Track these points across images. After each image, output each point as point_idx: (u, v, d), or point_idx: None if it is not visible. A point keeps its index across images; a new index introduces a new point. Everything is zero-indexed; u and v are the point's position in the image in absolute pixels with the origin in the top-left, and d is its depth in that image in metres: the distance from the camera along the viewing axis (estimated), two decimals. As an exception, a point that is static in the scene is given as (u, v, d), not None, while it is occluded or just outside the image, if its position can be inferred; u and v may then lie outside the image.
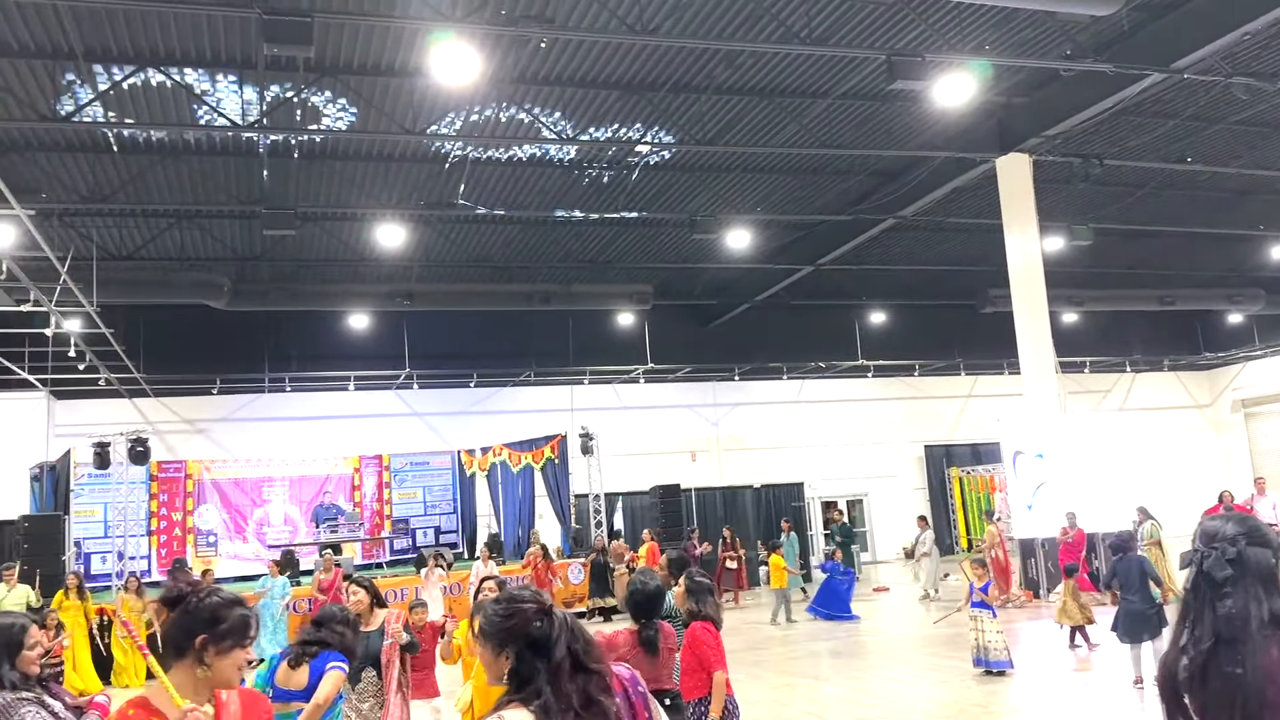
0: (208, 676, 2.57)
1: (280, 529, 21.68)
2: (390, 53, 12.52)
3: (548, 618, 2.33)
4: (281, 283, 20.18)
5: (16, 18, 11.00)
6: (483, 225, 19.44)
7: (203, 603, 2.61)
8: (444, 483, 23.86)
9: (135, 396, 23.22)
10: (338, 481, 22.62)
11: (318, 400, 24.70)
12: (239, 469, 22.09)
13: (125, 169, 15.40)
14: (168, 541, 20.65)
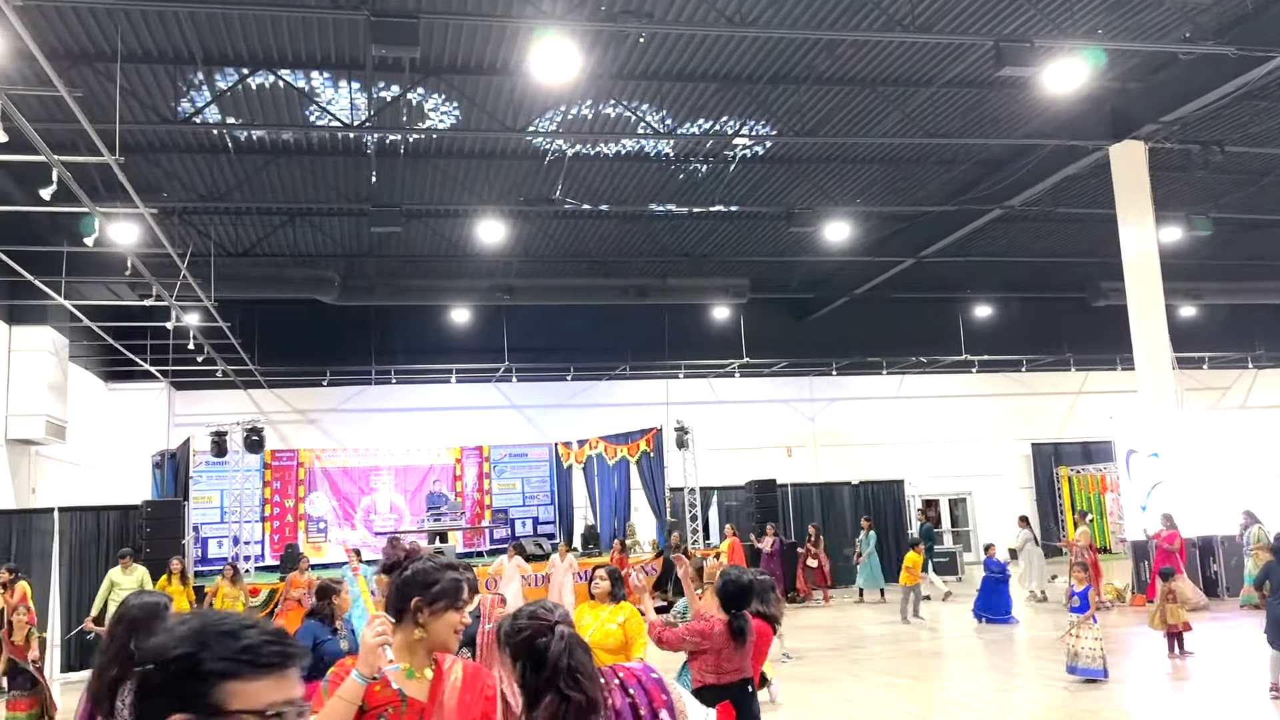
0: (424, 638, 2.68)
1: (386, 516, 22.31)
2: (493, 52, 12.74)
3: (550, 635, 2.51)
4: (388, 278, 20.75)
5: (141, 24, 11.56)
6: (580, 220, 19.62)
7: (417, 567, 2.74)
8: (541, 474, 24.19)
9: (250, 388, 24.20)
10: (440, 471, 23.14)
11: (421, 392, 25.33)
12: (347, 458, 22.81)
13: (240, 169, 16.04)
14: (280, 528, 21.46)
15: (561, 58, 10.86)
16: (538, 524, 23.54)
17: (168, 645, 1.40)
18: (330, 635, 5.63)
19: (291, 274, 19.52)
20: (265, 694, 1.39)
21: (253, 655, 1.40)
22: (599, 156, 16.51)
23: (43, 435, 17.52)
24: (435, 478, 22.92)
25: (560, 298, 21.89)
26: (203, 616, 1.45)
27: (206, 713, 1.36)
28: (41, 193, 10.57)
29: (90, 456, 21.30)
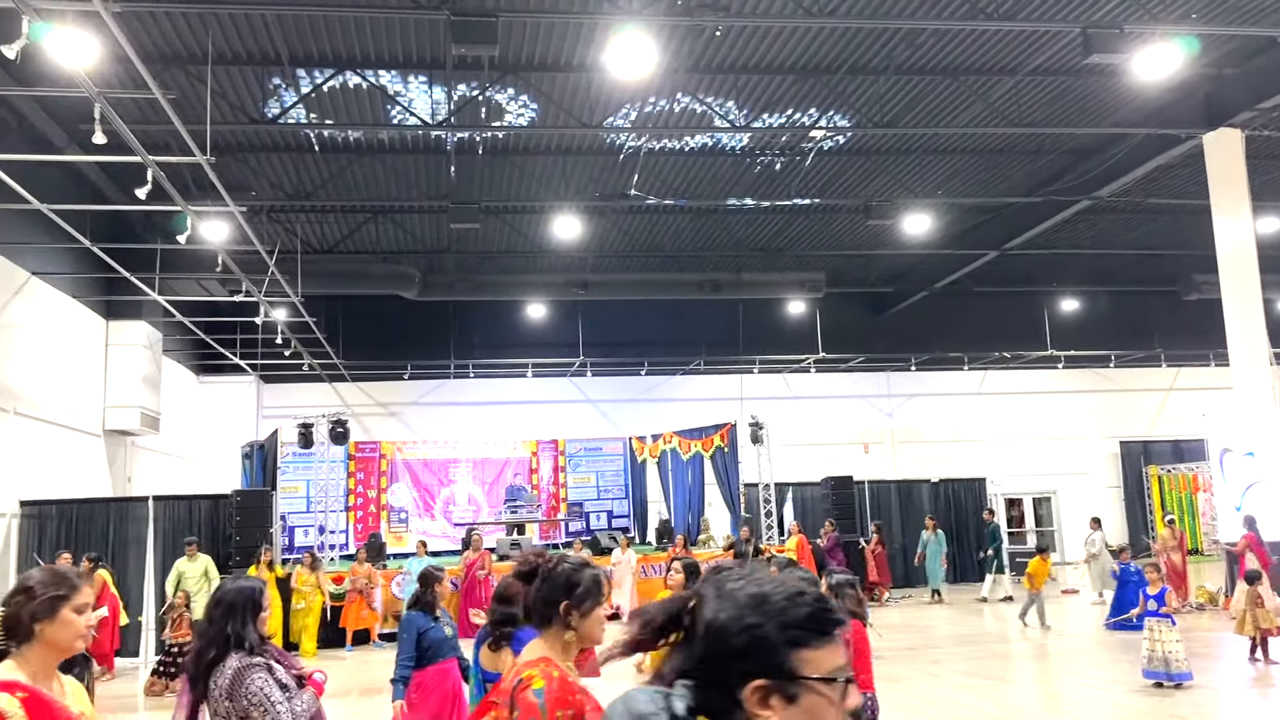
0: (574, 639, 2.75)
1: (465, 508, 22.68)
2: (569, 48, 12.82)
3: None
4: (466, 274, 21.07)
5: (230, 28, 11.93)
6: (655, 215, 19.65)
7: (557, 571, 2.79)
8: (616, 468, 24.31)
9: (334, 381, 24.83)
10: (517, 464, 23.44)
11: (498, 386, 25.68)
12: (427, 450, 23.24)
13: (325, 168, 16.44)
14: (364, 517, 21.98)
15: (638, 53, 10.87)
16: (612, 518, 23.67)
17: (735, 616, 1.46)
18: (433, 623, 5.83)
19: (374, 270, 19.95)
20: (829, 660, 1.45)
21: (817, 624, 1.46)
22: (674, 151, 16.49)
23: (138, 426, 18.23)
24: (512, 470, 23.22)
25: (635, 293, 21.96)
26: (758, 584, 1.49)
27: (783, 679, 1.42)
28: (137, 192, 10.99)
29: (182, 447, 22.10)
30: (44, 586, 2.70)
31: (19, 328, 14.56)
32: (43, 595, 2.69)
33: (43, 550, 13.57)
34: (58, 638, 2.68)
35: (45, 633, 2.67)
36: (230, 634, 3.54)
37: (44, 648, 2.67)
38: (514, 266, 21.78)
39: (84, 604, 2.77)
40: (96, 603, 11.98)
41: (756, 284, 21.47)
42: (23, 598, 2.70)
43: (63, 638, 2.69)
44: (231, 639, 3.53)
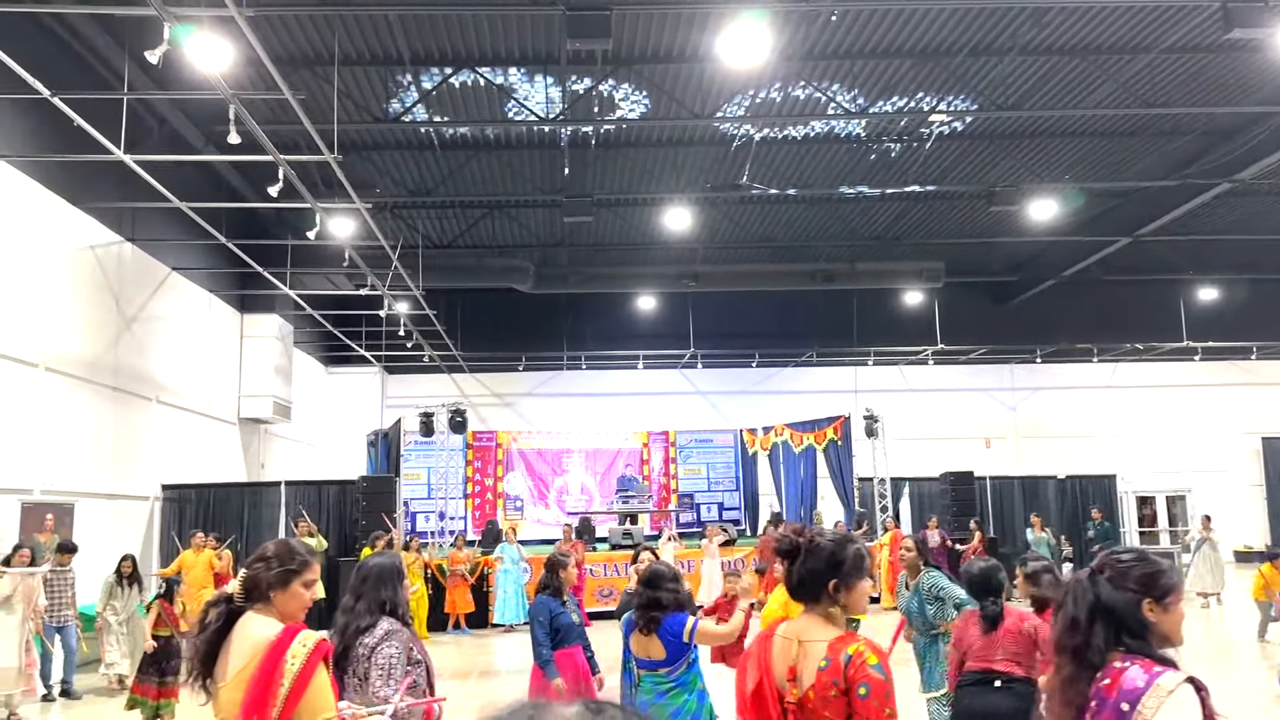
0: (839, 613, 2.76)
1: (578, 497, 23.00)
2: (682, 39, 12.79)
3: None
4: (579, 266, 21.31)
5: (355, 29, 12.33)
6: (767, 205, 19.46)
7: (819, 547, 2.79)
8: (726, 460, 24.23)
9: (453, 372, 25.49)
10: (628, 455, 23.61)
11: (610, 378, 25.91)
12: (541, 440, 23.65)
13: (445, 164, 16.86)
14: (481, 504, 22.53)
15: (751, 41, 10.77)
16: (723, 509, 23.62)
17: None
18: (562, 608, 5.92)
19: (490, 264, 20.38)
20: None
21: None
22: (787, 140, 16.29)
23: (270, 415, 19.09)
24: (624, 461, 23.40)
25: (746, 284, 21.79)
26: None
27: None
28: (270, 190, 11.50)
29: (312, 435, 23.06)
30: (279, 559, 2.93)
31: (161, 321, 15.42)
32: (278, 566, 2.91)
33: (182, 532, 14.34)
34: (286, 607, 2.90)
35: (276, 600, 2.89)
36: (384, 600, 3.78)
37: (275, 613, 2.89)
38: (625, 259, 21.91)
39: (311, 579, 2.96)
40: (220, 582, 12.47)
41: (872, 274, 21.04)
42: (262, 565, 2.93)
43: (290, 608, 2.91)
44: (386, 605, 3.77)
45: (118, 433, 13.79)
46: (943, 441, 24.53)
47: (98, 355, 13.25)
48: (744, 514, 23.58)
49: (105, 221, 13.41)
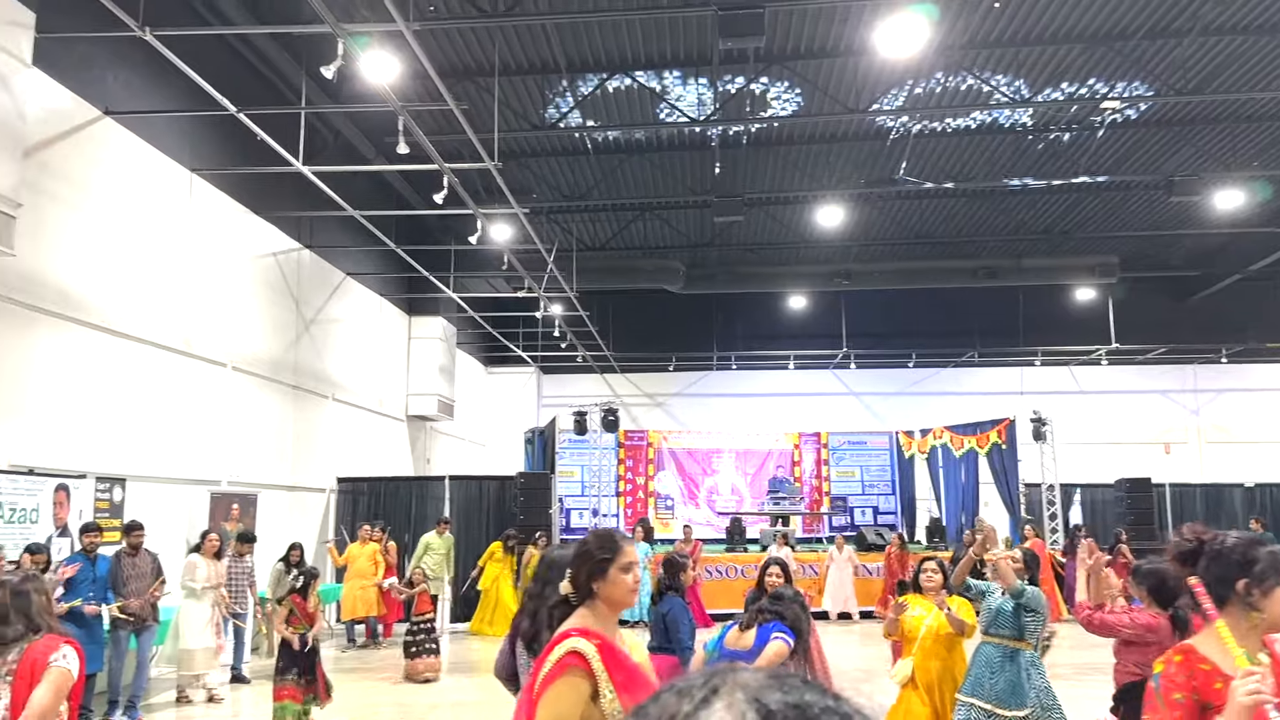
0: (1257, 621, 2.49)
1: (728, 498, 22.95)
2: (836, 33, 12.59)
3: None
4: (729, 266, 21.28)
5: (514, 39, 12.72)
6: (924, 200, 18.90)
7: (1227, 547, 2.57)
8: (881, 463, 23.64)
9: (605, 372, 25.93)
10: (779, 456, 23.38)
11: (760, 378, 25.74)
12: (691, 440, 23.72)
13: (598, 168, 17.17)
14: (633, 503, 22.80)
15: (909, 32, 10.49)
16: (878, 514, 23.05)
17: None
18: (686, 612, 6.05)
19: (642, 265, 20.61)
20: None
21: None
22: (946, 132, 15.78)
23: (435, 412, 19.91)
24: (775, 462, 23.20)
25: (902, 281, 21.22)
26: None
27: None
28: (435, 197, 12.00)
29: (473, 432, 23.92)
30: (595, 550, 2.94)
31: (336, 323, 16.32)
32: (596, 557, 2.92)
33: (355, 522, 15.13)
34: (610, 595, 2.89)
35: (601, 591, 2.90)
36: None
37: (602, 604, 2.90)
38: (776, 258, 21.72)
39: (629, 563, 2.93)
40: (387, 574, 12.84)
41: (1039, 269, 20.10)
42: (582, 560, 2.95)
43: (614, 594, 2.90)
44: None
45: (297, 428, 14.69)
46: (1117, 446, 23.21)
47: (279, 355, 14.15)
48: (900, 519, 22.94)
49: (286, 230, 14.31)
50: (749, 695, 0.79)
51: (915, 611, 5.86)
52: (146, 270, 10.80)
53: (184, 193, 11.63)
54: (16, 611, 3.57)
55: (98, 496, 9.84)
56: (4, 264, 8.38)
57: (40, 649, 3.50)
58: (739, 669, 0.83)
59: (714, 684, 0.81)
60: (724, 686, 0.81)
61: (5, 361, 8.64)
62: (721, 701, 0.79)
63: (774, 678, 0.81)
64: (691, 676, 0.84)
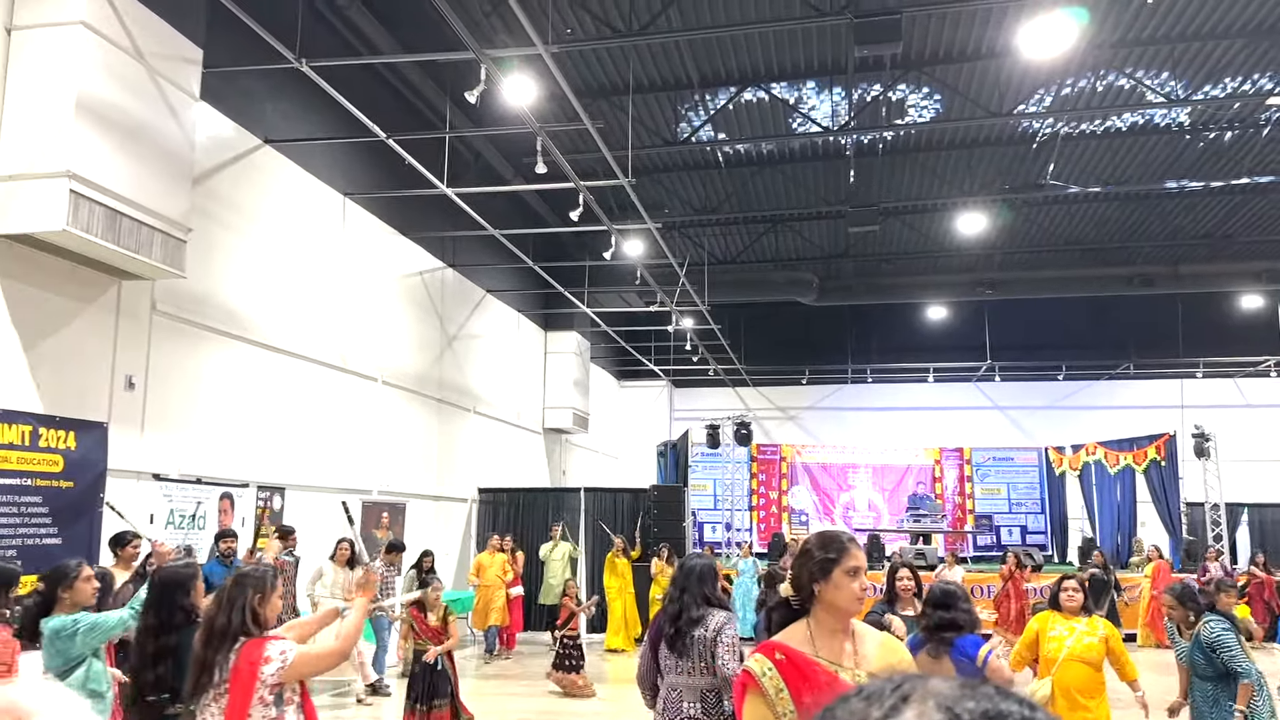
0: None
1: (865, 514, 22.50)
2: (977, 36, 12.24)
3: None
4: (864, 277, 20.90)
5: (648, 59, 12.88)
6: (1073, 205, 18.11)
7: None
8: (1030, 480, 22.72)
9: (737, 385, 25.83)
10: (919, 472, 22.78)
11: (897, 391, 25.14)
12: (826, 454, 23.37)
13: (730, 182, 17.17)
14: (765, 517, 22.63)
15: (1057, 32, 10.10)
16: (1026, 532, 22.16)
17: None
18: None
19: (773, 277, 20.46)
20: None
21: None
22: (1096, 133, 15.10)
23: (570, 425, 20.25)
24: (914, 478, 22.60)
25: (1050, 290, 20.36)
26: None
27: None
28: (570, 215, 12.25)
29: (606, 444, 24.21)
30: (817, 549, 2.76)
31: (477, 339, 16.83)
32: (818, 557, 2.74)
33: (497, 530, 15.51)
34: (834, 600, 2.70)
35: (822, 594, 2.71)
36: (707, 594, 4.30)
37: (823, 610, 2.72)
38: (914, 268, 21.20)
39: (855, 567, 2.73)
40: (513, 582, 12.89)
41: (1199, 276, 18.95)
42: (803, 560, 2.79)
43: (838, 600, 2.70)
44: (712, 599, 4.30)
45: (441, 440, 15.20)
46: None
47: (425, 370, 14.69)
48: (1050, 539, 21.99)
49: (430, 249, 14.86)
50: (940, 703, 0.78)
51: (1056, 631, 5.67)
52: (304, 289, 11.41)
53: (338, 216, 12.24)
54: (232, 604, 3.53)
55: (259, 504, 10.42)
56: (176, 286, 9.01)
57: (245, 664, 3.43)
58: (929, 677, 0.82)
59: (904, 691, 0.80)
60: (915, 694, 0.80)
61: (177, 377, 9.27)
62: (912, 709, 0.78)
63: (966, 686, 0.80)
64: (880, 682, 0.83)
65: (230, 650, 3.48)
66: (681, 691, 4.17)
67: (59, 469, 7.66)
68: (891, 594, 5.85)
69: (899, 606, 5.73)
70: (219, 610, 3.54)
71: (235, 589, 3.56)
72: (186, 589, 4.05)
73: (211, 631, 3.51)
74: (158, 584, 4.01)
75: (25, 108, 7.29)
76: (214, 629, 3.51)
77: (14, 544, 7.24)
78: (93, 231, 7.29)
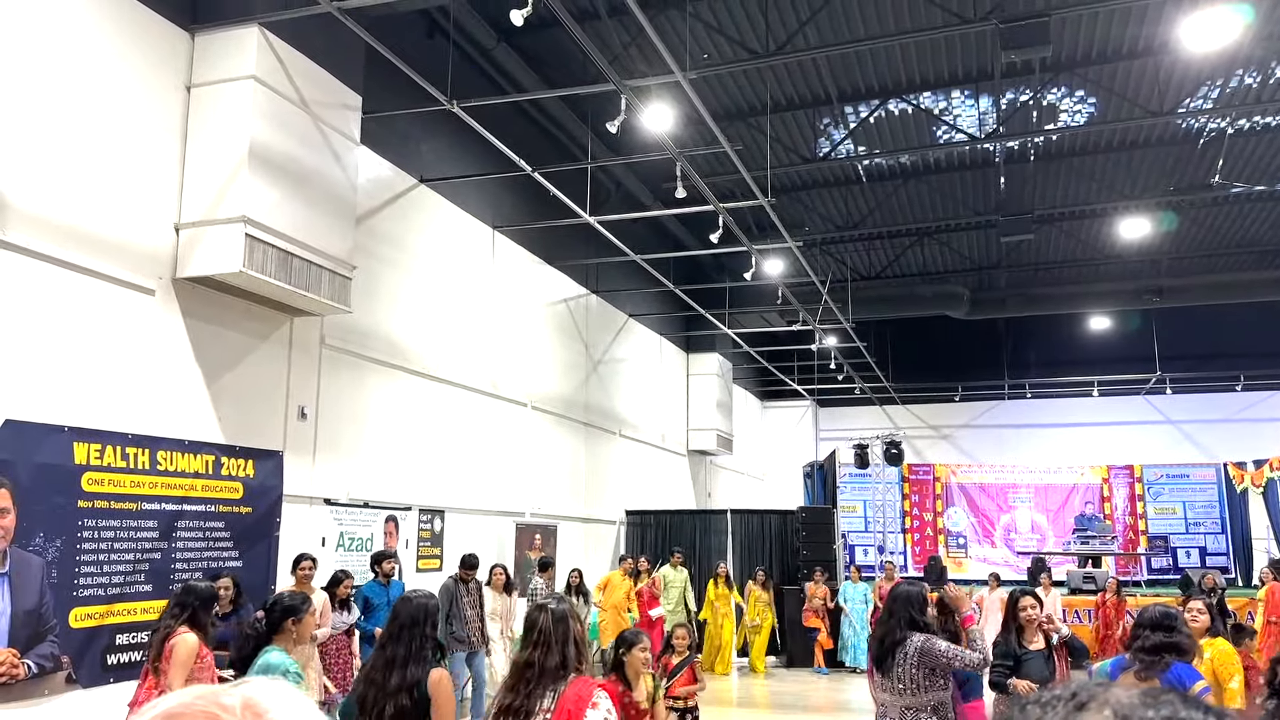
0: None
1: (1028, 536, 21.53)
2: (1132, 33, 11.67)
3: None
4: (1019, 288, 20.09)
5: (784, 77, 12.84)
6: (1247, 204, 16.95)
7: None
8: (1208, 498, 21.26)
9: (885, 404, 25.22)
10: (1084, 491, 21.66)
11: (1059, 407, 24.01)
12: (983, 474, 22.51)
13: (872, 196, 16.87)
14: (920, 540, 21.94)
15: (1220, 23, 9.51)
16: (1205, 554, 20.73)
17: None
18: None
19: (921, 292, 19.92)
20: None
21: None
22: (1267, 129, 14.11)
23: (714, 447, 20.24)
24: (1081, 498, 21.50)
25: (1224, 296, 19.06)
26: None
27: None
28: (710, 237, 12.30)
29: (751, 466, 24.05)
30: None
31: (621, 363, 17.07)
32: None
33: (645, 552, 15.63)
34: None
35: None
36: (913, 618, 4.72)
37: None
38: (1072, 277, 20.26)
39: None
40: (645, 605, 12.72)
41: (1394, 275, 17.38)
42: None
43: None
44: (917, 623, 4.71)
45: (589, 463, 15.46)
46: None
47: (571, 394, 15.00)
48: (1233, 560, 20.49)
49: (574, 277, 15.20)
50: (1118, 710, 0.76)
51: None
52: (457, 319, 11.87)
53: (487, 248, 12.69)
54: (557, 640, 3.29)
55: (421, 527, 10.85)
56: (342, 320, 9.53)
57: (574, 698, 3.16)
58: (1112, 685, 0.80)
59: (1082, 698, 0.79)
60: (1093, 701, 0.78)
61: (344, 407, 9.79)
62: (1088, 717, 0.77)
63: (1149, 694, 0.77)
64: (1061, 689, 0.81)
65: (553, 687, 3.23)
66: (887, 708, 4.68)
67: (239, 495, 8.19)
68: (1014, 625, 5.37)
69: (1026, 639, 5.32)
70: (543, 651, 3.28)
71: (559, 626, 3.33)
72: (434, 620, 3.83)
73: (542, 671, 3.26)
74: (405, 617, 3.74)
75: (203, 159, 7.89)
76: (544, 669, 3.26)
77: (200, 566, 7.78)
78: (266, 272, 7.81)
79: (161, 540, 7.47)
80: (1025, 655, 5.23)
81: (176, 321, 7.81)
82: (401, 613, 3.77)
